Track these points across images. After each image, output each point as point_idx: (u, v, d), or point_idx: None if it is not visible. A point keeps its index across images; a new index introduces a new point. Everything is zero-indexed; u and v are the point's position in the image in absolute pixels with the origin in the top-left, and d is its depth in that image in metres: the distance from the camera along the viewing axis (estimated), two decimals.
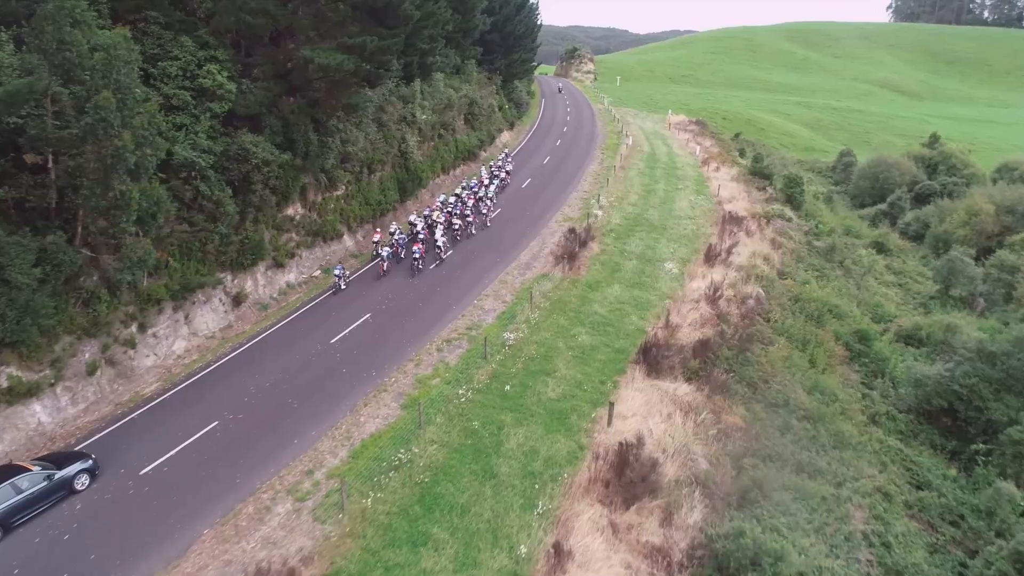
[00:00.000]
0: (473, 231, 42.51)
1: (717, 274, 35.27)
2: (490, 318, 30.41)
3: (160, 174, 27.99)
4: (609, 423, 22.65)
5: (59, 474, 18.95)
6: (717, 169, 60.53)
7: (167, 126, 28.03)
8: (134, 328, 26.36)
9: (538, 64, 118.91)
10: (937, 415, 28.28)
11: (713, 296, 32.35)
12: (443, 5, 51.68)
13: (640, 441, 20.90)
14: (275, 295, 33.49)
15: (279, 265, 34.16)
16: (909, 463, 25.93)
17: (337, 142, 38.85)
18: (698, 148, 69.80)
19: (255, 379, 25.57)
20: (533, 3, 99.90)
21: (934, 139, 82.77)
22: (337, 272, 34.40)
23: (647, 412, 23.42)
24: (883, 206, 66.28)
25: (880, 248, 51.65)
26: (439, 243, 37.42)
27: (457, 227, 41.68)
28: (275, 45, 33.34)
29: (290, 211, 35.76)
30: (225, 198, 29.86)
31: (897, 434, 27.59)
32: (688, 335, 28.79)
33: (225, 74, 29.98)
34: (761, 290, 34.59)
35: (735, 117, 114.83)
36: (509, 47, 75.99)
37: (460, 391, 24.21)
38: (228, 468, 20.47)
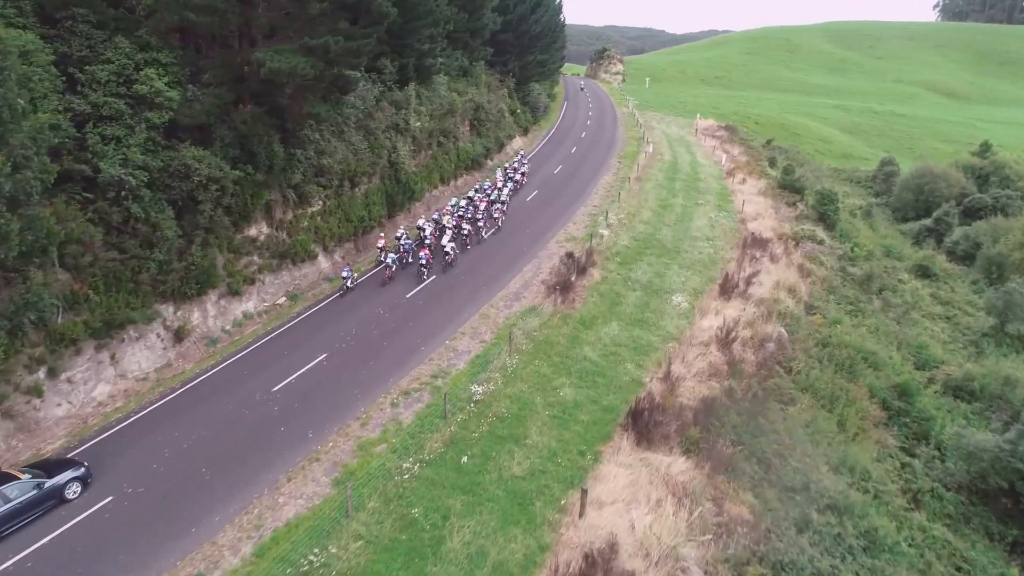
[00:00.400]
0: (484, 235, 40.99)
1: (733, 309, 30.62)
2: (461, 362, 26.25)
3: (85, 194, 24.59)
4: (581, 514, 18.31)
5: (49, 482, 18.42)
6: (743, 181, 55.45)
7: (95, 138, 24.60)
8: (41, 373, 22.79)
9: (562, 65, 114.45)
10: (995, 496, 23.33)
11: (726, 339, 27.73)
12: (443, 2, 47.73)
13: (614, 547, 16.55)
14: (228, 327, 29.78)
15: (234, 293, 30.44)
16: (959, 559, 21.08)
17: (311, 153, 35.08)
18: (724, 157, 64.69)
19: (174, 436, 21.81)
20: (557, 2, 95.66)
21: (985, 147, 76.18)
22: (345, 274, 33.86)
23: (631, 497, 19.04)
24: (928, 221, 60.38)
25: (924, 272, 46.16)
26: (447, 249, 36.09)
27: (467, 232, 39.49)
28: (229, 47, 29.58)
29: (252, 231, 32.05)
30: (164, 220, 26.22)
31: (944, 518, 22.75)
32: (691, 391, 24.25)
33: (166, 79, 26.33)
34: (784, 330, 29.86)
35: (768, 121, 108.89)
36: (524, 48, 71.76)
37: (407, 463, 20.11)
38: (104, 566, 16.63)
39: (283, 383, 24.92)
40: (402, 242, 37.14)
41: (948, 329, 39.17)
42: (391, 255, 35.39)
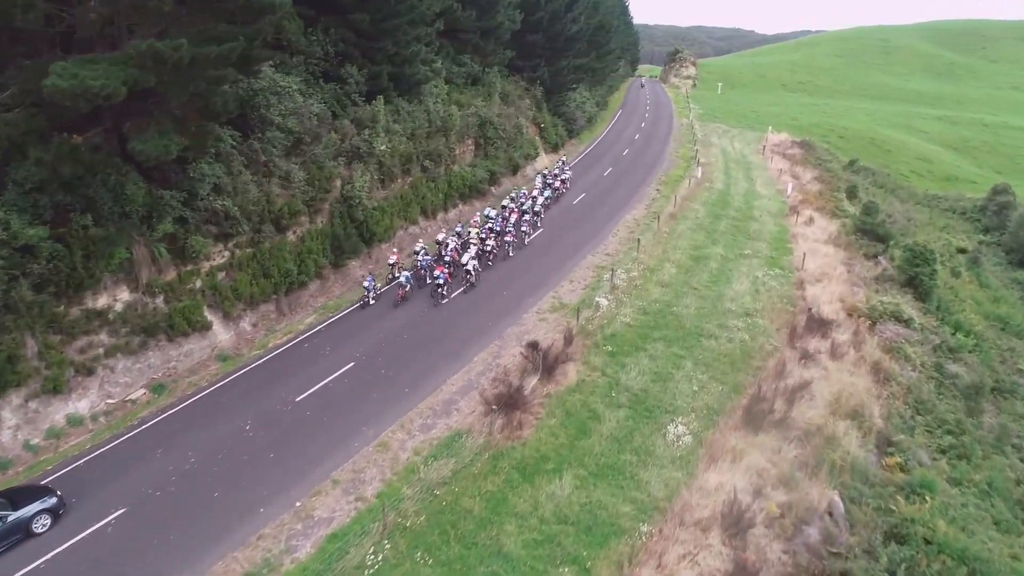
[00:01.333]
0: (511, 252, 36.95)
1: (760, 453, 20.16)
2: (301, 553, 16.81)
3: None
4: None
5: (13, 516, 16.73)
6: (810, 221, 43.78)
7: None
8: None
9: (616, 70, 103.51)
10: None
11: (738, 520, 17.36)
12: None
13: None
14: (38, 440, 21.50)
15: (53, 391, 22.13)
16: None
17: (205, 192, 26.54)
18: (791, 185, 52.76)
19: None
20: None
21: None
22: (367, 284, 30.94)
23: None
24: None
25: None
26: (468, 267, 31.95)
27: (491, 248, 35.17)
28: (35, 55, 21.18)
29: (99, 301, 23.74)
30: None
31: None
32: None
33: None
34: (838, 499, 19.12)
35: (855, 135, 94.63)
36: (558, 51, 61.69)
37: None
38: None
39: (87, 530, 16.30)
40: (420, 258, 33.54)
41: None
42: (405, 273, 31.65)
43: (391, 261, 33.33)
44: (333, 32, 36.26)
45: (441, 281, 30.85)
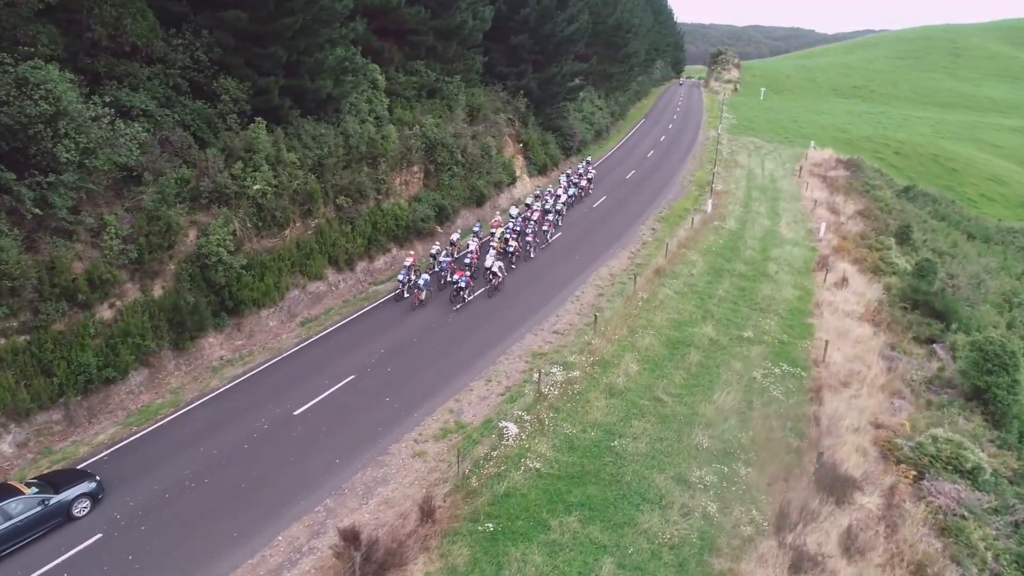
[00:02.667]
0: (532, 254, 36.23)
1: None
2: None
3: None
4: None
5: (55, 499, 16.79)
6: (843, 283, 33.38)
7: None
8: None
9: (649, 72, 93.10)
10: None
11: None
12: None
13: None
14: None
15: None
16: None
17: None
18: (823, 225, 42.09)
19: None
20: None
21: None
22: (401, 277, 30.47)
23: None
24: None
25: None
26: (494, 269, 30.94)
27: (513, 249, 34.34)
28: None
29: None
30: None
31: None
32: None
33: None
34: None
35: (914, 151, 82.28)
36: (549, 55, 52.15)
37: None
38: None
39: None
40: (440, 259, 32.30)
41: None
42: (424, 276, 30.29)
43: (407, 263, 31.25)
44: (207, 35, 27.82)
45: (463, 284, 29.68)
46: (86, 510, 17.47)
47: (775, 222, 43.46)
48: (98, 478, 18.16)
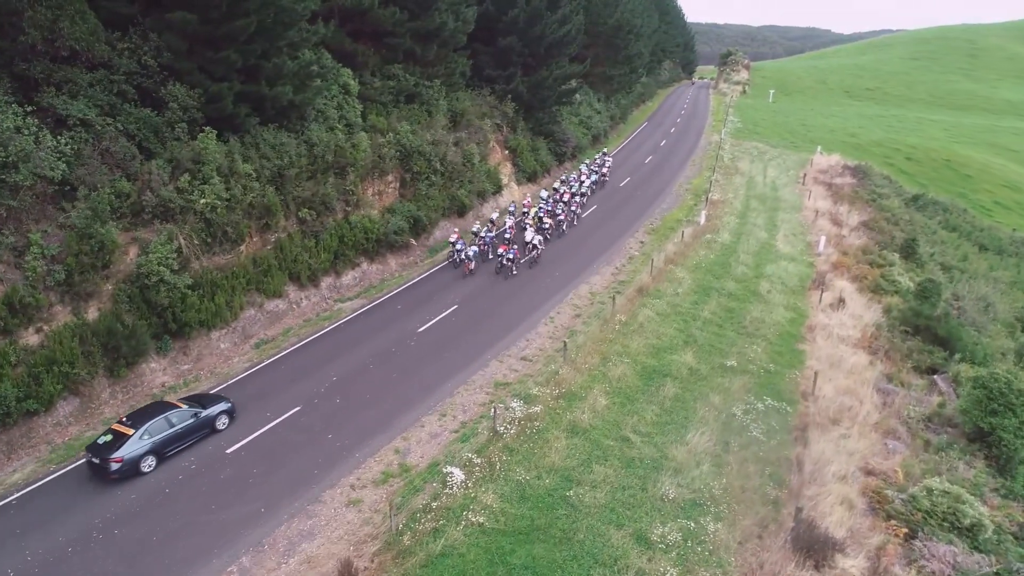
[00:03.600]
0: (564, 229, 40.24)
1: None
2: None
3: None
4: None
5: (204, 412, 20.77)
6: (840, 304, 31.16)
7: None
8: None
9: (640, 77, 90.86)
10: None
11: None
12: None
13: None
14: None
15: None
16: None
17: None
18: (823, 240, 39.80)
19: None
20: None
21: None
22: (460, 246, 34.08)
23: None
24: None
25: None
26: (534, 242, 34.86)
27: (548, 226, 38.09)
28: None
29: None
30: None
31: None
32: None
33: None
34: None
35: (927, 156, 79.53)
36: (540, 58, 50.17)
37: None
38: None
39: None
40: (482, 235, 36.01)
41: None
42: (472, 248, 34.00)
43: (452, 239, 34.97)
44: (155, 38, 26.10)
45: (511, 256, 33.17)
46: (226, 424, 21.36)
47: (772, 235, 41.21)
48: (232, 401, 22.05)
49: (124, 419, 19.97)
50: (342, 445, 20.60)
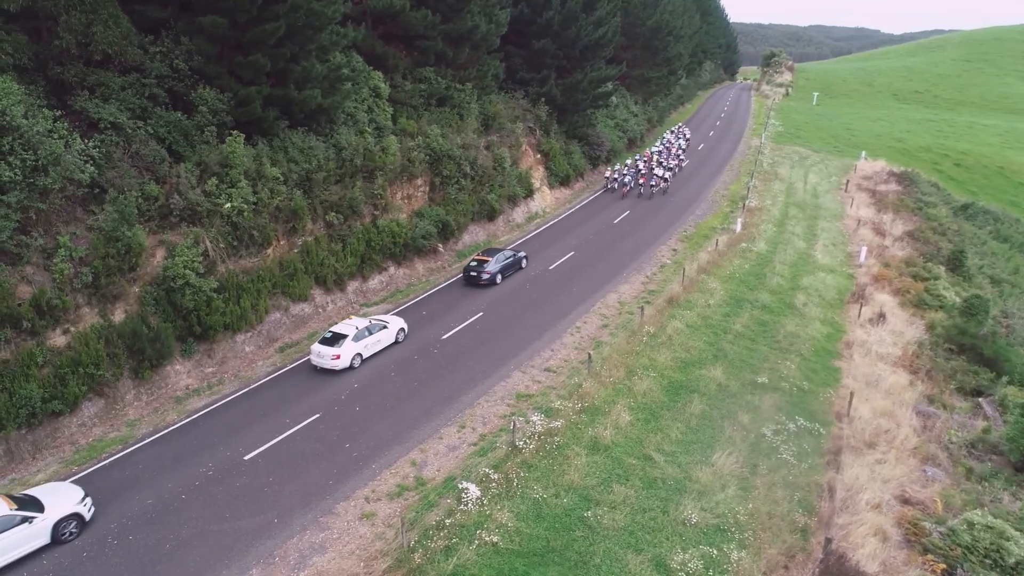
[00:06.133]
0: (680, 168, 56.76)
1: None
2: None
3: None
4: None
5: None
6: (880, 319, 29.86)
7: None
8: None
9: (679, 79, 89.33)
10: None
11: None
12: None
13: None
14: None
15: None
16: None
17: None
18: (864, 250, 38.35)
19: None
20: None
21: None
22: (615, 175, 50.71)
23: None
24: None
25: None
26: (664, 176, 50.17)
27: (674, 165, 55.43)
28: None
29: None
30: None
31: None
32: None
33: None
34: None
35: (978, 162, 76.53)
36: (575, 60, 49.53)
37: None
38: None
39: None
40: (626, 170, 51.66)
41: None
42: (627, 177, 50.46)
43: (607, 175, 51.76)
44: (186, 42, 26.29)
45: (653, 182, 50.05)
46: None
47: (811, 244, 39.87)
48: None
49: None
50: (359, 455, 20.35)
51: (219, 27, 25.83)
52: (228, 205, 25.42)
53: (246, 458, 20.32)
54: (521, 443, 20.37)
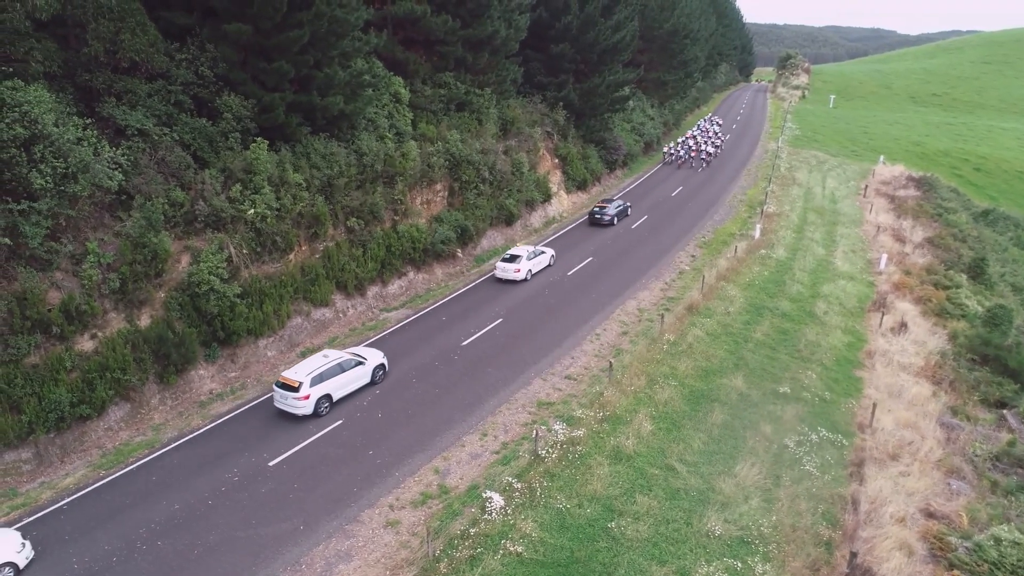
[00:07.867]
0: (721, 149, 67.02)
1: None
2: None
3: None
4: None
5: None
6: (901, 328, 29.67)
7: None
8: None
9: (698, 80, 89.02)
10: None
11: None
12: None
13: None
14: None
15: None
16: None
17: None
18: (884, 257, 38.11)
19: None
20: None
21: None
22: (671, 150, 62.80)
23: None
24: None
25: None
26: (711, 151, 62.80)
27: (719, 143, 67.12)
28: None
29: None
30: None
31: None
32: None
33: None
34: None
35: (998, 167, 75.78)
36: (593, 65, 49.53)
37: None
38: None
39: None
40: (680, 147, 63.29)
41: None
42: (681, 151, 62.52)
43: (665, 150, 63.42)
44: (212, 49, 26.56)
45: (704, 156, 61.49)
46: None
47: (830, 251, 39.67)
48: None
49: None
50: (382, 462, 20.48)
51: (244, 34, 26.08)
52: (252, 211, 25.67)
53: (271, 464, 20.50)
54: (543, 452, 20.44)
